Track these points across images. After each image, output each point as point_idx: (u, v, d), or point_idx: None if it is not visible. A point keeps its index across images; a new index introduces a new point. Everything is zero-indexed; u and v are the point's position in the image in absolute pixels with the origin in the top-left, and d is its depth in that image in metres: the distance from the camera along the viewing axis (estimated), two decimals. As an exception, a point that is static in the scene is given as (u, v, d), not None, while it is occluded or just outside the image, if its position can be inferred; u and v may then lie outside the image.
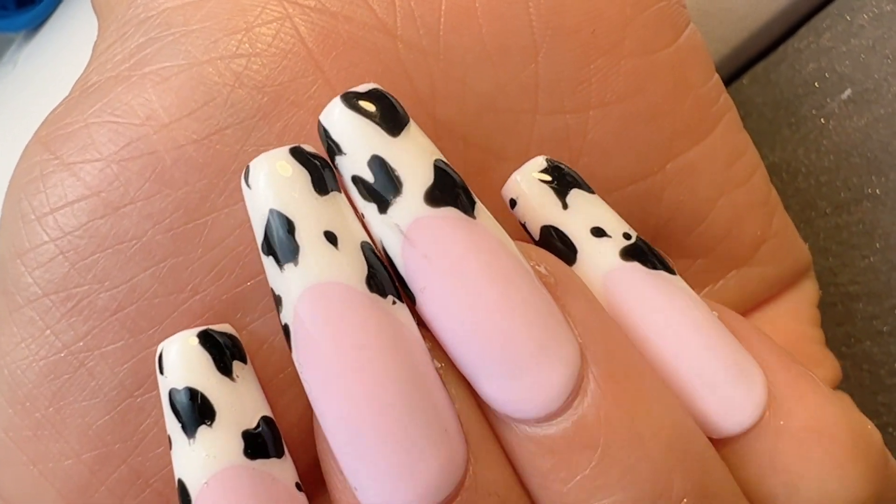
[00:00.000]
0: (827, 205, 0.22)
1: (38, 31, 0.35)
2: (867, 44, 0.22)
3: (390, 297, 0.12)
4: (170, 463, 0.13)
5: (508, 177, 0.14)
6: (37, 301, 0.13)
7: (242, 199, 0.13)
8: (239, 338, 0.13)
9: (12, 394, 0.13)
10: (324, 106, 0.13)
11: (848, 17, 0.22)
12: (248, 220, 0.13)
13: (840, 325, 0.21)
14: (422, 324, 0.12)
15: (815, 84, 0.22)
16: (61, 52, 0.33)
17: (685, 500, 0.12)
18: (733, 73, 0.24)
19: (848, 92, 0.22)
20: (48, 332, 0.13)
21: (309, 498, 0.13)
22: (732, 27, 0.22)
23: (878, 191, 0.21)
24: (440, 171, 0.12)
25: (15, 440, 0.13)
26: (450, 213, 0.12)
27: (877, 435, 0.14)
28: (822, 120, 0.22)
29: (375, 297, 0.12)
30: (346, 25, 0.13)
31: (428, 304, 0.12)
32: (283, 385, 0.13)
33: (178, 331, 0.13)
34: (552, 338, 0.12)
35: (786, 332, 0.17)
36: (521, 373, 0.12)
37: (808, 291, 0.18)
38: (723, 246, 0.16)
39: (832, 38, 0.22)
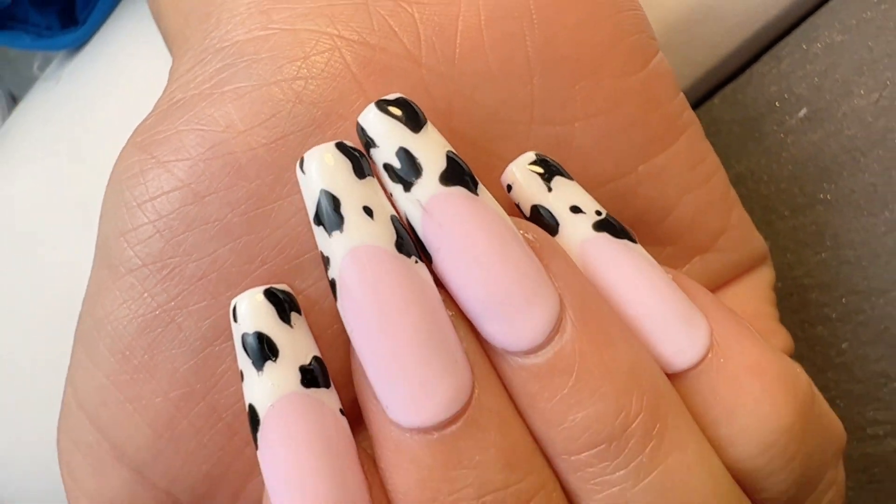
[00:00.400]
0: (785, 208, 0.23)
1: (80, 49, 0.35)
2: (821, 69, 0.23)
3: (413, 258, 0.14)
4: (239, 400, 0.15)
5: None
6: (137, 270, 0.14)
7: (300, 191, 0.14)
8: (294, 295, 0.14)
9: (114, 345, 0.15)
10: None
11: (804, 46, 0.23)
12: (304, 207, 0.14)
13: (796, 313, 0.23)
14: (437, 279, 0.14)
15: (776, 104, 0.23)
16: (103, 71, 0.33)
17: (641, 415, 0.13)
18: (706, 93, 0.24)
19: (804, 111, 0.23)
20: (146, 294, 0.14)
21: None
22: (705, 54, 0.23)
23: (829, 196, 0.22)
24: (451, 159, 0.14)
25: (115, 383, 0.15)
26: (458, 191, 0.13)
27: (804, 376, 0.15)
28: (781, 135, 0.23)
29: (402, 257, 0.13)
30: (381, 55, 0.15)
31: (442, 262, 0.14)
32: (330, 339, 0.15)
33: None
34: (537, 289, 0.13)
35: (744, 309, 0.18)
36: (513, 316, 0.13)
37: (764, 276, 0.19)
38: (688, 235, 0.17)
39: (791, 64, 0.23)
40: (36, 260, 0.32)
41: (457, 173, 0.14)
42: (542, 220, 0.15)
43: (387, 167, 0.14)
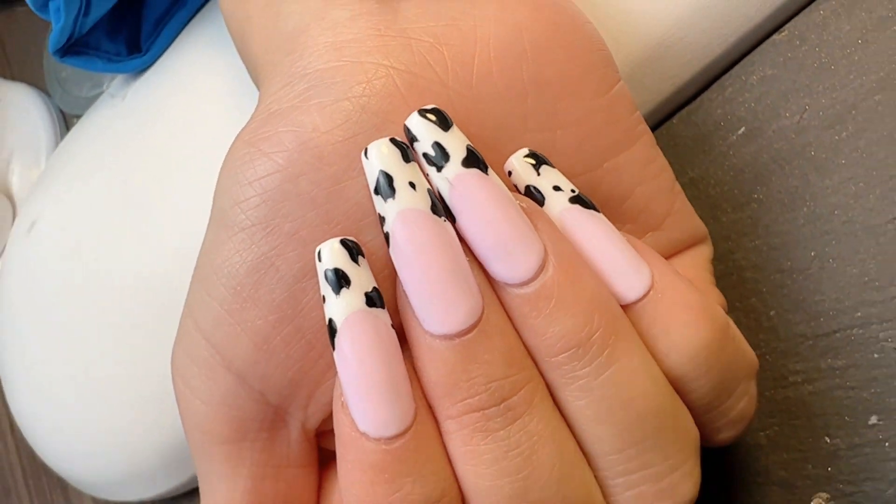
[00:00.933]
0: (728, 206, 0.25)
1: (144, 70, 0.38)
2: (755, 96, 0.25)
3: (442, 218, 0.16)
4: (317, 322, 0.17)
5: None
6: (248, 229, 0.17)
7: (365, 174, 0.17)
8: (360, 244, 0.17)
9: (229, 283, 0.17)
10: None
11: (743, 78, 0.26)
12: (367, 185, 0.17)
13: (734, 288, 0.25)
14: (458, 234, 0.16)
15: (721, 123, 0.26)
16: (163, 91, 0.36)
17: (601, 329, 0.16)
18: (666, 115, 0.27)
19: (742, 129, 0.25)
20: (253, 246, 0.17)
21: None
22: (666, 84, 0.26)
23: (761, 196, 0.25)
24: (470, 150, 0.17)
25: (228, 311, 0.18)
26: (475, 172, 0.16)
27: (721, 311, 0.18)
28: (725, 148, 0.25)
29: (435, 217, 0.16)
30: (421, 80, 0.18)
31: (463, 221, 0.16)
32: (380, 279, 0.17)
33: None
34: (529, 241, 0.16)
35: (686, 274, 0.20)
36: (511, 258, 0.16)
37: (703, 251, 0.21)
38: (641, 217, 0.20)
39: (733, 92, 0.26)
40: (101, 261, 0.34)
41: (474, 159, 0.17)
42: (533, 195, 0.18)
43: (425, 155, 0.17)
